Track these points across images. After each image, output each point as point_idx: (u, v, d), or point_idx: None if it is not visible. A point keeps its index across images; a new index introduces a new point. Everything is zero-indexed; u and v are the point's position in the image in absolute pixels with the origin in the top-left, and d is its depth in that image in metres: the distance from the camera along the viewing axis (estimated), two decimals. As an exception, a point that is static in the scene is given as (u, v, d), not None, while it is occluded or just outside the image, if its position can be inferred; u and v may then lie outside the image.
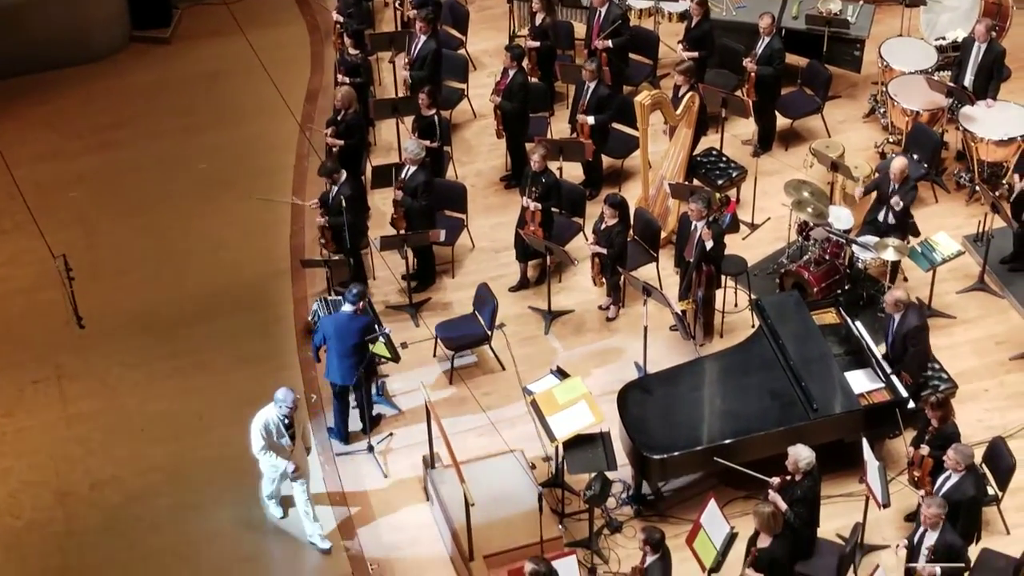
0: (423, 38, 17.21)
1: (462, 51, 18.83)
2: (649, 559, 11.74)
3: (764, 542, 11.83)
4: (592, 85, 16.44)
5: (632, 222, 15.47)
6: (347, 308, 13.69)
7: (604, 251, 14.97)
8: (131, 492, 13.88)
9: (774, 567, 11.75)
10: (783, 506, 12.09)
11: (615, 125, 16.91)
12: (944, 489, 11.92)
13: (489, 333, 14.81)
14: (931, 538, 11.67)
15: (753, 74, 16.89)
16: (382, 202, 16.56)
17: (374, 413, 14.35)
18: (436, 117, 16.42)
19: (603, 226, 14.99)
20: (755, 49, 16.94)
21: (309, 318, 14.96)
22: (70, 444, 14.43)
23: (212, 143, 18.21)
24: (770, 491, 12.26)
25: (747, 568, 11.80)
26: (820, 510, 12.37)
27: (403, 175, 15.55)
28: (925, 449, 12.68)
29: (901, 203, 14.99)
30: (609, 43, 17.27)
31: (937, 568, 11.48)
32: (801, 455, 12.15)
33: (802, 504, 12.16)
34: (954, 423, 12.84)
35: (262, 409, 12.87)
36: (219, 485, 13.91)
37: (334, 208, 15.09)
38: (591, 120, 16.40)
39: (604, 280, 15.23)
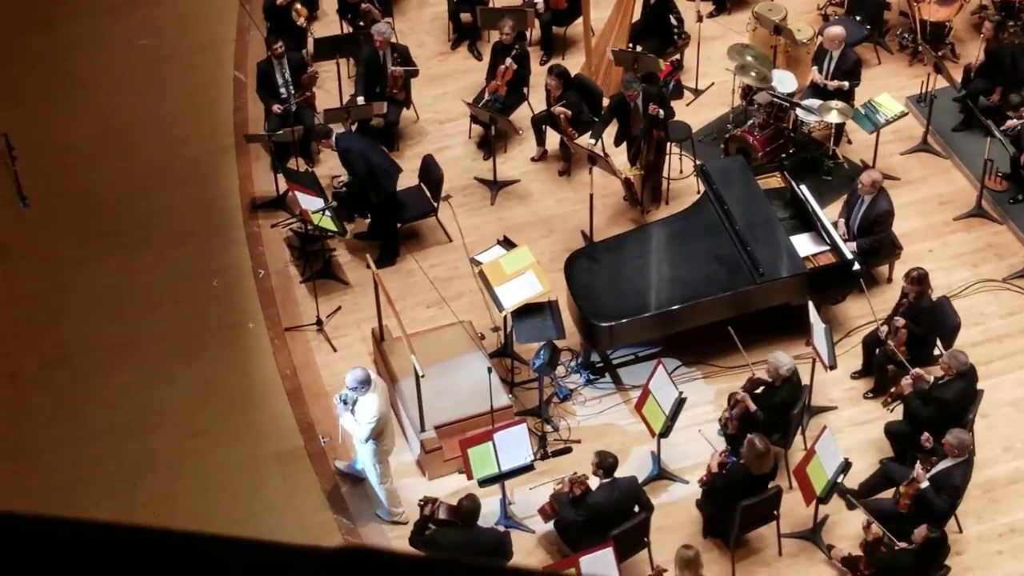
0: None
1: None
2: (600, 482, 11.67)
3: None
4: None
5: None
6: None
7: (568, 112, 15.09)
8: (80, 371, 13.88)
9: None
10: (752, 406, 12.16)
11: None
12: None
13: (435, 205, 14.80)
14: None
15: None
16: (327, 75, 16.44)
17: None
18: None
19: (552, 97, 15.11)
20: None
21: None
22: (18, 324, 14.41)
23: (151, 18, 17.96)
24: (740, 391, 12.33)
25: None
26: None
27: (386, 56, 15.52)
28: (901, 320, 12.80)
29: (845, 85, 15.02)
30: None
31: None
32: (782, 362, 12.18)
33: (779, 410, 12.24)
34: (930, 297, 12.98)
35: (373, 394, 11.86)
36: (168, 363, 13.93)
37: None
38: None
39: (575, 133, 15.20)
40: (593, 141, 14.82)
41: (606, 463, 11.61)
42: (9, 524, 2.85)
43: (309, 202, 14.07)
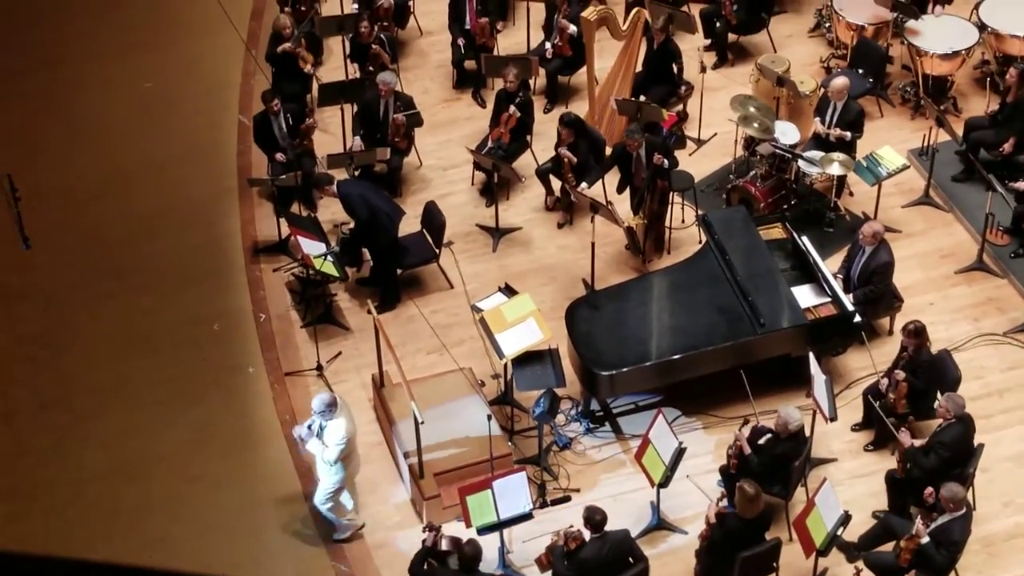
0: None
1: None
2: (588, 535, 11.61)
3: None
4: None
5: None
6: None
7: (572, 157, 15.16)
8: (79, 412, 13.84)
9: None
10: (747, 449, 12.22)
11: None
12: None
13: (437, 251, 14.81)
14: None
15: None
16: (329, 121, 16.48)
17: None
18: (383, 37, 16.45)
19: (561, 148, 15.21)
20: None
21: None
22: (18, 364, 14.38)
23: (157, 62, 18.04)
24: (739, 429, 12.39)
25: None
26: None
27: (388, 105, 15.60)
28: (901, 374, 12.78)
29: (847, 135, 15.08)
30: None
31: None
32: (792, 417, 12.19)
33: (780, 462, 12.26)
34: (929, 350, 12.96)
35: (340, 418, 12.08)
36: (167, 406, 13.89)
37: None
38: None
39: (574, 179, 15.22)
40: (587, 186, 14.85)
41: (594, 519, 11.56)
42: (5, 564, 2.85)
43: (311, 247, 14.08)
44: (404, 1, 17.84)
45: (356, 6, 17.39)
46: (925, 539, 11.35)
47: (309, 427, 12.02)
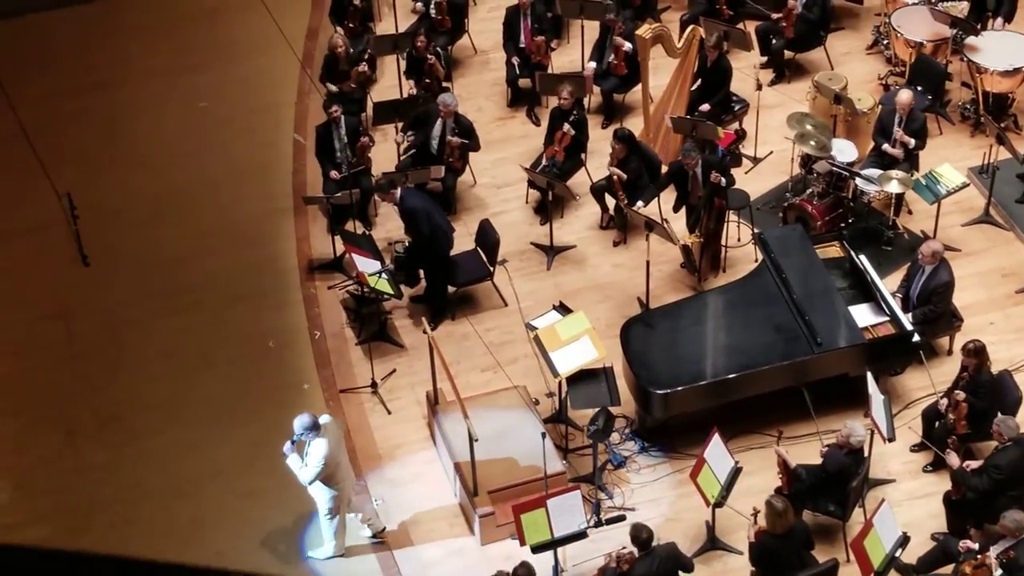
0: None
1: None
2: (638, 553, 11.61)
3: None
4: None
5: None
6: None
7: (623, 174, 15.13)
8: (135, 429, 13.90)
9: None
10: (791, 461, 12.22)
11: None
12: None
13: (491, 269, 14.79)
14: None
15: (794, 12, 16.93)
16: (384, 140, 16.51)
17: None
18: (438, 50, 16.49)
19: (612, 162, 15.19)
20: None
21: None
22: (75, 381, 14.45)
23: (212, 81, 18.13)
24: (776, 444, 12.39)
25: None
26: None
27: (444, 125, 15.65)
28: (961, 394, 12.66)
29: (912, 141, 14.98)
30: None
31: None
32: (856, 431, 12.15)
33: (838, 481, 12.20)
34: (989, 370, 12.82)
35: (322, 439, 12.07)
36: (222, 423, 13.93)
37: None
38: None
39: (625, 197, 15.19)
40: (642, 204, 14.81)
41: (640, 537, 11.54)
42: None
43: (366, 264, 14.09)
44: (461, 15, 17.87)
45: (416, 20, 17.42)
46: (998, 572, 11.18)
47: (292, 442, 12.03)
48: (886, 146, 15.24)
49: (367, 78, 16.71)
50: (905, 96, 15.10)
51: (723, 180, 14.51)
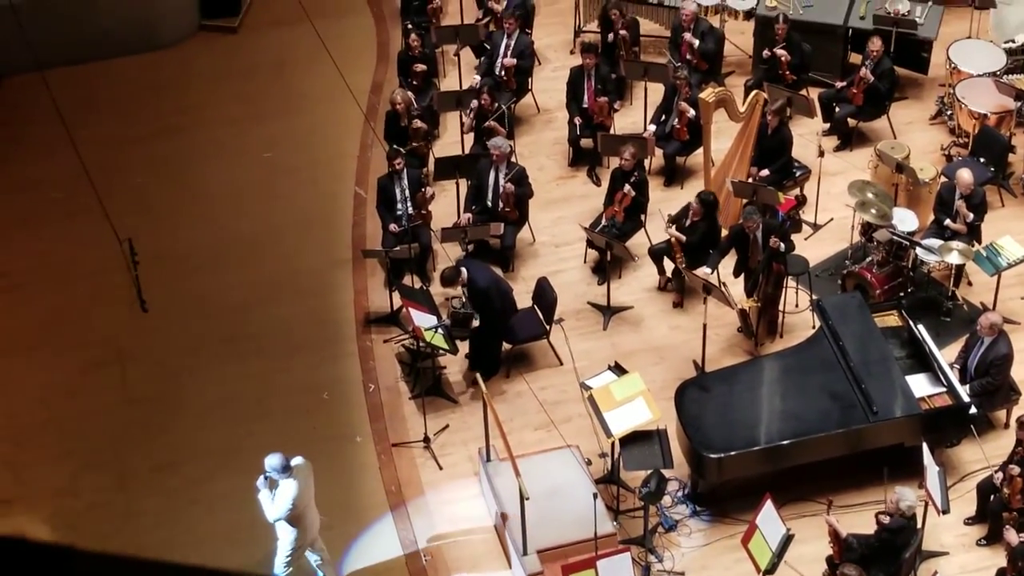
0: (517, 33, 17.61)
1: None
2: None
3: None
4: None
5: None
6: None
7: (684, 238, 15.12)
8: (189, 476, 13.97)
9: None
10: (841, 531, 12.17)
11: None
12: None
13: (547, 328, 14.80)
14: None
15: (864, 81, 16.92)
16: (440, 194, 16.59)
17: None
18: (505, 110, 16.60)
19: (687, 222, 15.20)
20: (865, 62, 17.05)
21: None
22: (131, 426, 14.54)
23: (277, 131, 18.30)
24: (827, 513, 12.32)
25: None
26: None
27: (499, 171, 15.76)
28: (1016, 468, 12.55)
29: (971, 216, 14.93)
30: (696, 42, 17.42)
31: None
32: (905, 496, 12.10)
33: (890, 552, 12.13)
34: None
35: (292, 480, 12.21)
36: (276, 472, 13.97)
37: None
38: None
39: (683, 260, 15.20)
40: (709, 271, 14.79)
41: None
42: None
43: (422, 319, 14.13)
44: (525, 74, 17.97)
45: (478, 78, 17.52)
46: None
47: (265, 478, 12.17)
48: (948, 221, 15.18)
49: (426, 132, 16.80)
50: (966, 176, 15.05)
51: (782, 245, 14.50)
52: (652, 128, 16.91)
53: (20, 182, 17.62)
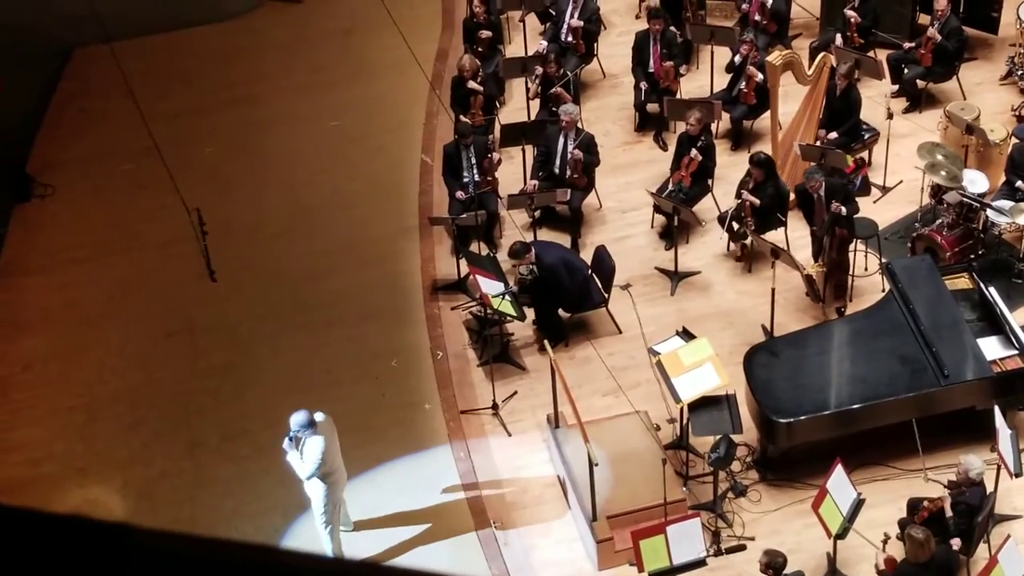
0: None
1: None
2: None
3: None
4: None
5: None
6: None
7: (757, 201, 15.04)
8: (260, 445, 14.03)
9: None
10: (948, 508, 12.06)
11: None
12: None
13: (606, 296, 14.76)
14: None
15: (932, 41, 16.75)
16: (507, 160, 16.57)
17: None
18: (570, 76, 16.57)
19: (751, 185, 15.13)
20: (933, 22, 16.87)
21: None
22: (201, 396, 14.67)
23: (344, 100, 18.35)
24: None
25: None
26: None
27: (567, 138, 15.70)
28: None
29: None
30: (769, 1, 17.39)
31: None
32: (973, 465, 12.01)
33: (965, 514, 12.05)
34: None
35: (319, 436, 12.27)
36: (345, 440, 13.99)
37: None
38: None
39: (753, 227, 15.12)
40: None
41: (775, 563, 11.44)
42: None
43: (489, 286, 14.14)
44: (591, 39, 17.89)
45: (544, 44, 17.47)
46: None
47: (291, 439, 12.22)
48: (1019, 183, 15.02)
49: (486, 101, 16.75)
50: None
51: (843, 210, 14.37)
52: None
53: (91, 153, 17.78)
